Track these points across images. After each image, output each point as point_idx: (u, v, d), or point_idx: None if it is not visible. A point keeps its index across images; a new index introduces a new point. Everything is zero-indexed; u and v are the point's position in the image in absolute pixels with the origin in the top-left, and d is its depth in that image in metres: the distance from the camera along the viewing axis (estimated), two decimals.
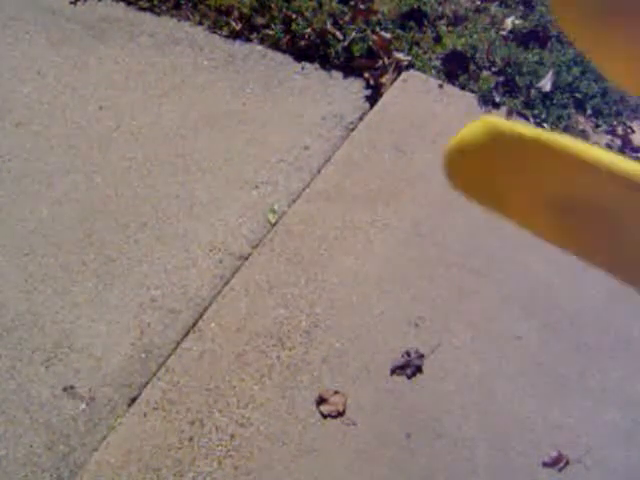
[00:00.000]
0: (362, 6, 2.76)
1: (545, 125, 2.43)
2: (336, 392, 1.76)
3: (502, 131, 0.23)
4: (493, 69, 2.58)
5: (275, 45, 2.74)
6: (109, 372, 1.81)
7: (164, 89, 2.58)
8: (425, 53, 2.66)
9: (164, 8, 2.89)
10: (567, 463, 1.67)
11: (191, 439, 1.69)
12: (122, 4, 2.91)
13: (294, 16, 2.72)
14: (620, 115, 2.45)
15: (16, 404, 1.76)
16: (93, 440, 1.70)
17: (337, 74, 2.65)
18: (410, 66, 2.61)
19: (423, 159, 2.32)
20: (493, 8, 2.83)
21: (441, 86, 2.55)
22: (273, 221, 2.15)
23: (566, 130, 2.41)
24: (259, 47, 2.75)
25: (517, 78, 2.52)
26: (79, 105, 2.52)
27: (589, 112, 2.46)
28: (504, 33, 2.71)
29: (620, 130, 2.41)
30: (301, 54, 2.71)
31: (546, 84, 2.48)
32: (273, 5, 2.77)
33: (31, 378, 1.80)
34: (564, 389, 1.79)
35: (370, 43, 2.64)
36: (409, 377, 1.80)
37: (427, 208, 2.18)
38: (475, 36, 2.67)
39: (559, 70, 2.51)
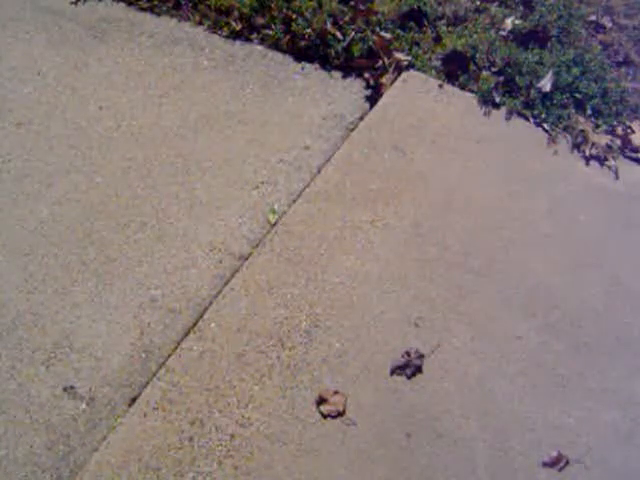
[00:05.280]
0: (362, 6, 2.76)
1: (545, 125, 2.43)
2: (336, 392, 1.76)
3: None
4: (493, 69, 2.58)
5: (275, 45, 2.74)
6: (109, 372, 1.81)
7: (164, 89, 2.58)
8: (425, 53, 2.66)
9: (164, 8, 2.89)
10: (567, 463, 1.67)
11: (191, 439, 1.69)
12: (122, 4, 2.91)
13: (294, 16, 2.72)
14: (620, 115, 2.45)
15: (16, 404, 1.76)
16: (93, 440, 1.70)
17: (337, 74, 2.65)
18: (410, 66, 2.61)
19: (423, 159, 2.32)
20: (493, 8, 2.83)
21: (441, 86, 2.56)
22: (273, 221, 2.15)
23: (566, 130, 2.42)
24: (259, 47, 2.76)
25: (517, 78, 2.52)
26: (79, 105, 2.52)
27: (589, 112, 2.46)
28: (504, 33, 2.71)
29: (620, 130, 2.41)
30: (301, 54, 2.71)
31: (546, 84, 2.48)
32: (273, 5, 2.77)
33: (31, 378, 1.80)
34: (564, 389, 1.80)
35: (370, 43, 2.64)
36: (409, 377, 1.80)
37: (427, 208, 2.18)
38: (475, 36, 2.67)
39: (559, 70, 2.51)
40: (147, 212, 2.18)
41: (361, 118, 2.47)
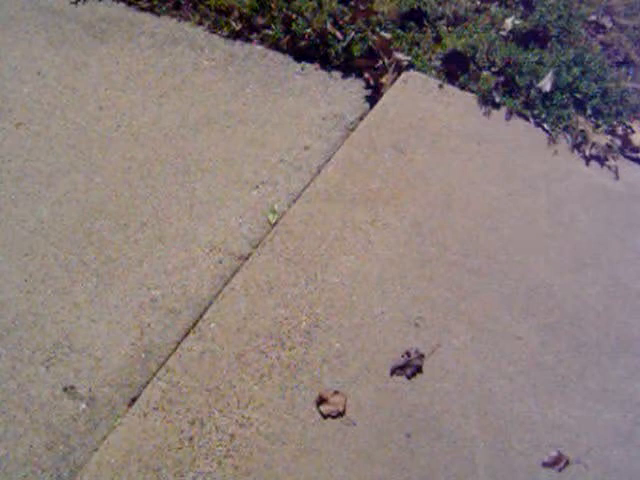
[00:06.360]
0: (362, 6, 2.76)
1: (545, 125, 2.43)
2: (336, 392, 1.76)
3: None
4: (493, 69, 2.58)
5: (275, 45, 2.74)
6: (109, 372, 1.81)
7: (164, 89, 2.59)
8: (425, 53, 2.66)
9: (164, 8, 2.89)
10: (567, 463, 1.67)
11: (191, 439, 1.69)
12: (122, 4, 2.91)
13: (294, 16, 2.72)
14: (620, 115, 2.45)
15: (16, 404, 1.76)
16: (93, 440, 1.70)
17: (337, 74, 2.65)
18: (410, 66, 2.61)
19: (423, 159, 2.32)
20: (493, 8, 2.83)
21: (441, 86, 2.56)
22: (273, 221, 2.15)
23: (566, 130, 2.41)
24: (259, 47, 2.76)
25: (517, 78, 2.52)
26: (79, 105, 2.52)
27: (589, 112, 2.46)
28: (504, 33, 2.71)
29: (620, 130, 2.41)
30: (301, 54, 2.71)
31: (546, 84, 2.48)
32: (273, 5, 2.77)
33: (31, 378, 1.80)
34: (564, 389, 1.80)
35: (370, 43, 2.64)
36: (409, 377, 1.80)
37: (427, 208, 2.18)
38: (475, 36, 2.67)
39: (559, 70, 2.51)
40: (147, 212, 2.18)
41: (361, 118, 2.47)
